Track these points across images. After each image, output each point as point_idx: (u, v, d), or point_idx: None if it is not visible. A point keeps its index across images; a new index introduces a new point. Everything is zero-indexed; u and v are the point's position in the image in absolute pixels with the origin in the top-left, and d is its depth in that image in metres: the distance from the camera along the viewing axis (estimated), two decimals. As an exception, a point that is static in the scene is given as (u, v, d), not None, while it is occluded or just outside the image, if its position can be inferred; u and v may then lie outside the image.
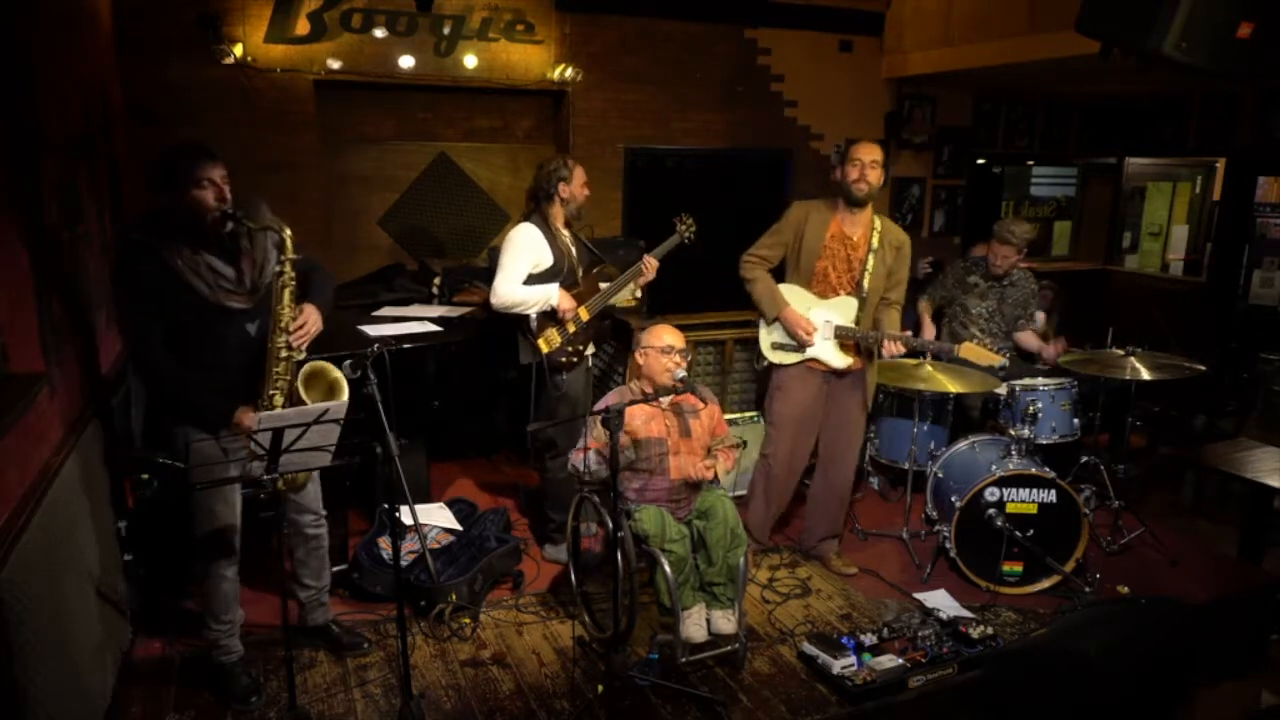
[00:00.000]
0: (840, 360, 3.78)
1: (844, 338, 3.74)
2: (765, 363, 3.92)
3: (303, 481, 2.99)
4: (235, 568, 2.98)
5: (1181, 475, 5.53)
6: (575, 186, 3.77)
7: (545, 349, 3.72)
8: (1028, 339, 4.70)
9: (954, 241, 7.26)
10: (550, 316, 3.73)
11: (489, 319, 4.14)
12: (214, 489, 2.80)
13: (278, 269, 2.77)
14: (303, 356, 2.87)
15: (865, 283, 3.74)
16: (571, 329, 3.76)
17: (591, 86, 5.87)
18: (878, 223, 3.77)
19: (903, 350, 3.67)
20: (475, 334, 4.30)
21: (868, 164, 3.63)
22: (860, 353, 3.81)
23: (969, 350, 3.72)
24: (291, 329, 2.79)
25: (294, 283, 2.79)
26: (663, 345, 3.28)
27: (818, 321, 3.75)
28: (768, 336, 3.87)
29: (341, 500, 3.71)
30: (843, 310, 3.76)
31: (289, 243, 2.74)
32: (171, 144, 2.69)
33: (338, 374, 2.90)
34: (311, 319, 2.84)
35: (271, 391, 2.79)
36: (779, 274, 3.87)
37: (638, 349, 3.37)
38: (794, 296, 3.79)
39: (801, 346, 3.77)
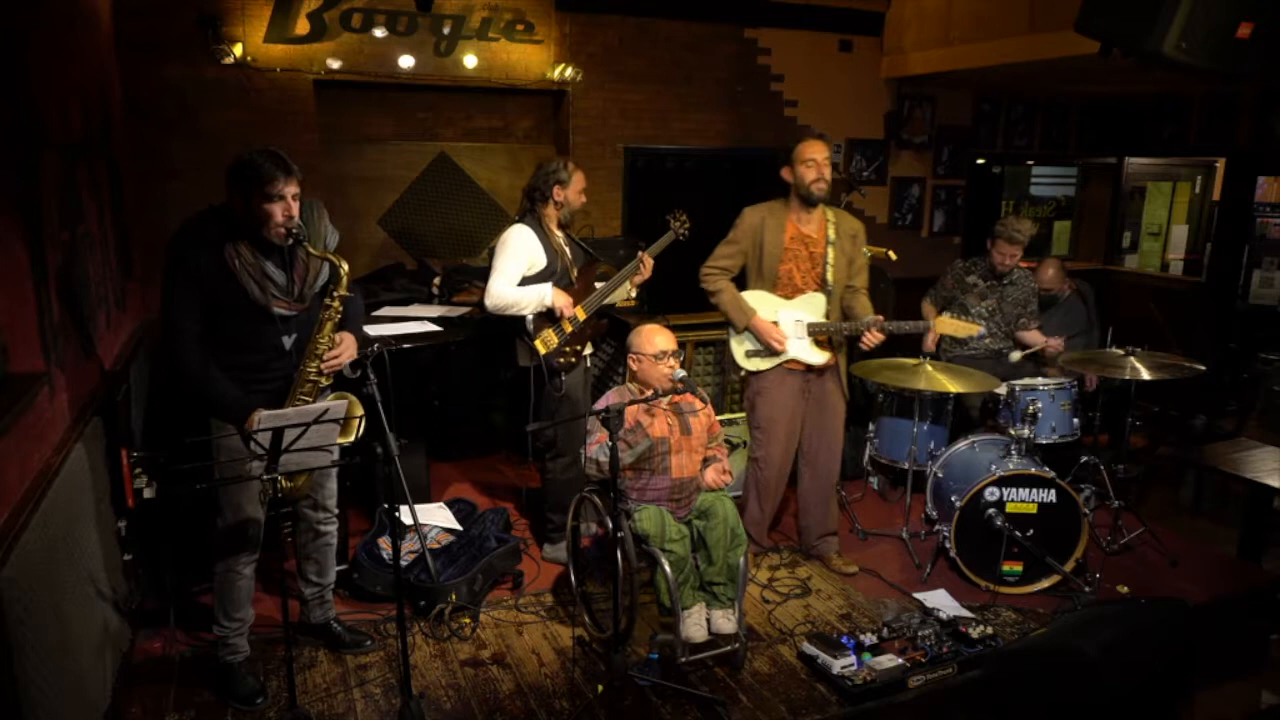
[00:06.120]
0: (817, 357, 3.80)
1: (817, 333, 3.77)
2: (743, 373, 3.93)
3: (304, 486, 3.00)
4: (253, 566, 2.99)
5: (1181, 475, 5.53)
6: (571, 192, 3.74)
7: (543, 350, 3.71)
8: (1033, 337, 4.70)
9: (954, 241, 7.26)
10: (547, 317, 3.72)
11: (488, 319, 4.15)
12: (243, 485, 2.83)
13: (327, 301, 2.83)
14: (328, 383, 2.93)
15: (829, 276, 3.77)
16: (568, 329, 3.75)
17: (591, 86, 5.86)
18: (830, 214, 3.81)
19: (882, 338, 3.69)
20: (475, 334, 4.30)
21: (822, 162, 3.67)
22: (833, 346, 3.83)
23: (944, 324, 3.81)
24: (326, 357, 2.86)
25: (338, 316, 2.87)
26: (655, 352, 3.26)
27: (789, 322, 3.77)
28: (740, 346, 3.88)
29: (342, 500, 3.70)
30: (811, 307, 3.78)
31: (345, 279, 2.82)
32: (254, 149, 2.70)
33: (358, 411, 2.92)
34: (347, 349, 2.91)
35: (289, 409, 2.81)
36: (740, 280, 3.88)
37: (630, 353, 3.35)
38: (761, 301, 3.81)
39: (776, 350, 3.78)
